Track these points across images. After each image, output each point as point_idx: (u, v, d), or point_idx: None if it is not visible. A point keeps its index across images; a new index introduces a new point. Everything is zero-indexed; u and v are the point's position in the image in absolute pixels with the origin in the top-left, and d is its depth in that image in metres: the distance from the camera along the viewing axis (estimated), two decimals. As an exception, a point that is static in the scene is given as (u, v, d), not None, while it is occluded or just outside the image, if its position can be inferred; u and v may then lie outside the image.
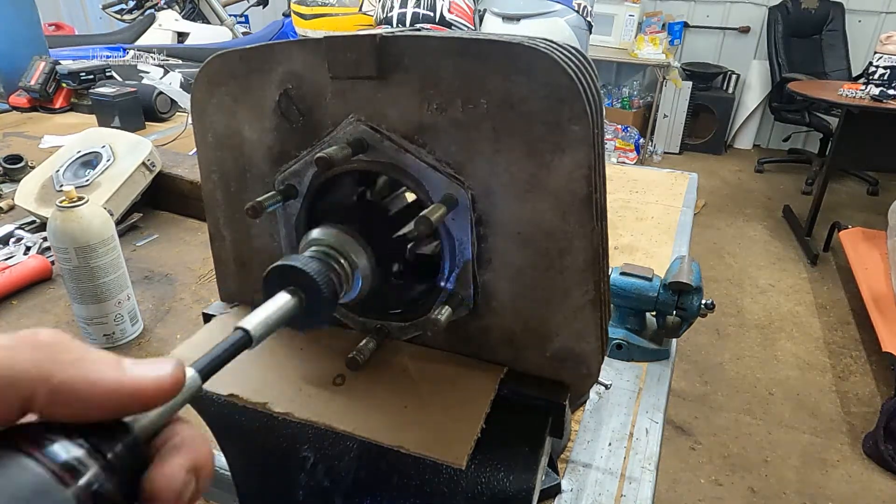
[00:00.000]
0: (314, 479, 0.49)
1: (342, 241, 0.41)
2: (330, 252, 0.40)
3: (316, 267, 0.36)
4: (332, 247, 0.40)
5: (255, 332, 0.31)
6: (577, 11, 1.88)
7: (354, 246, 0.41)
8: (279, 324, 0.33)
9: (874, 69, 3.04)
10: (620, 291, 0.78)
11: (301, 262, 0.36)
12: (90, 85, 1.85)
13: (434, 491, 0.45)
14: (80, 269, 0.72)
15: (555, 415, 0.46)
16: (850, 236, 2.97)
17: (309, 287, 0.35)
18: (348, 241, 0.41)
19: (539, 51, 0.38)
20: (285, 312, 0.33)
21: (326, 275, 0.37)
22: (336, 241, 0.41)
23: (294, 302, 0.34)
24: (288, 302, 0.34)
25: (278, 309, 0.33)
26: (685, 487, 1.88)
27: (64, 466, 0.21)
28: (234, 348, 0.29)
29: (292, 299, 0.34)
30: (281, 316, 0.33)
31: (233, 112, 0.49)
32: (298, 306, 0.35)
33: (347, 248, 0.41)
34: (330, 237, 0.41)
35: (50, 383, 0.21)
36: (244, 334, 0.30)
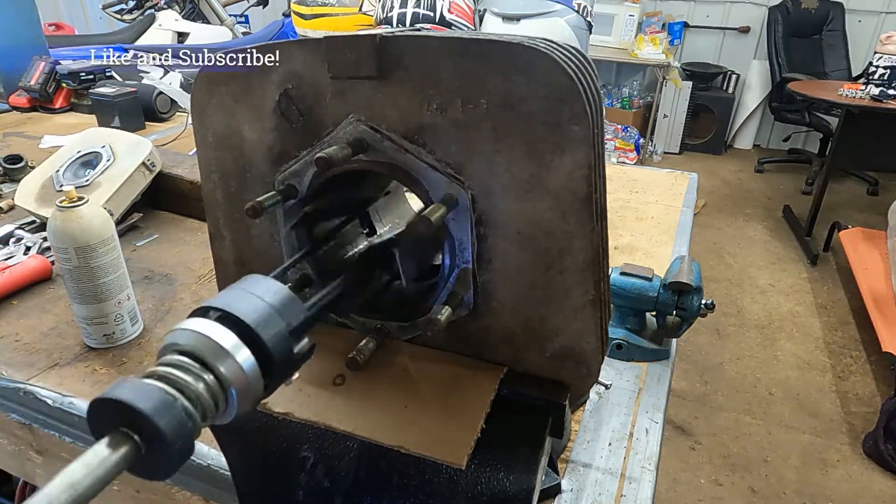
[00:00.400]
0: (314, 479, 0.49)
1: (205, 346, 0.29)
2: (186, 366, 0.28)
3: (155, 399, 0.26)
4: (190, 355, 0.29)
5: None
6: (577, 11, 1.88)
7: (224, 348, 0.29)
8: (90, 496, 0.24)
9: (874, 69, 3.04)
10: (620, 291, 0.78)
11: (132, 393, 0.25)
12: (90, 85, 1.85)
13: (434, 491, 0.45)
14: (80, 269, 0.72)
15: (555, 415, 0.46)
16: (850, 236, 2.97)
17: (147, 427, 0.25)
18: (212, 344, 0.29)
19: (539, 51, 0.38)
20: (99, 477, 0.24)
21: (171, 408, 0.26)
22: (199, 346, 0.29)
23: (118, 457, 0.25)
24: (103, 461, 0.24)
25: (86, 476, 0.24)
26: (685, 487, 1.87)
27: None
28: None
29: (113, 454, 0.25)
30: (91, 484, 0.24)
31: (233, 112, 0.49)
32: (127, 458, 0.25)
33: (213, 355, 0.29)
34: (191, 340, 0.29)
35: None
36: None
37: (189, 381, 0.28)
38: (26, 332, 0.80)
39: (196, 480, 0.64)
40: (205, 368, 0.29)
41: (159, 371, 0.28)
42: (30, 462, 0.76)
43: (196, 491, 0.65)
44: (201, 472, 0.63)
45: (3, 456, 0.79)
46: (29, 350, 0.77)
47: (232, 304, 0.31)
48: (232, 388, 0.29)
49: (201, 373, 0.29)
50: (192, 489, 0.65)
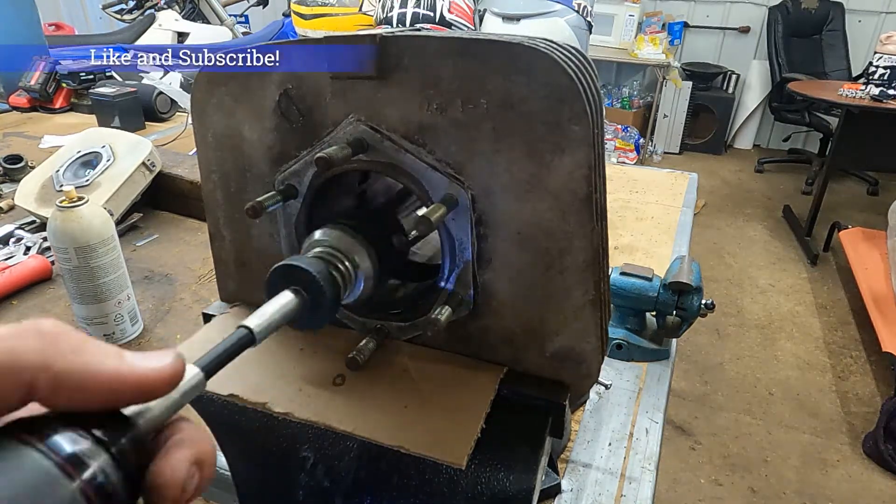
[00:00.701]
0: (314, 479, 0.49)
1: (345, 243, 0.41)
2: (333, 253, 0.40)
3: (319, 267, 0.37)
4: (335, 248, 0.40)
5: (258, 331, 0.31)
6: (577, 11, 1.88)
7: (357, 247, 0.41)
8: (282, 322, 0.33)
9: (874, 69, 3.04)
10: (620, 291, 0.78)
11: (304, 262, 0.36)
12: (90, 85, 1.85)
13: (434, 491, 0.45)
14: (80, 269, 0.72)
15: (555, 415, 0.46)
16: (850, 236, 2.97)
17: (312, 287, 0.36)
18: (351, 243, 0.41)
19: (539, 51, 0.38)
20: (288, 312, 0.34)
21: (329, 275, 0.37)
22: (339, 243, 0.41)
23: (297, 301, 0.34)
24: (290, 301, 0.34)
25: (281, 308, 0.33)
26: (685, 487, 1.87)
27: (69, 459, 0.21)
28: (237, 346, 0.29)
29: (295, 299, 0.34)
30: (283, 315, 0.33)
31: (233, 112, 0.49)
32: (301, 306, 0.35)
33: (350, 250, 0.41)
34: (333, 238, 0.41)
35: (51, 372, 0.21)
36: (247, 332, 0.30)
37: (342, 261, 0.40)
38: (26, 332, 0.80)
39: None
40: (345, 257, 0.40)
41: (319, 252, 0.40)
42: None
43: (196, 491, 0.65)
44: (201, 472, 0.63)
45: (3, 456, 0.79)
46: (29, 350, 0.77)
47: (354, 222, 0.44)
48: (361, 273, 0.41)
49: (343, 260, 0.40)
50: (192, 489, 0.65)
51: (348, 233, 0.42)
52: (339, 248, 0.41)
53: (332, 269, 0.38)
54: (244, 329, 0.30)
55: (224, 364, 0.28)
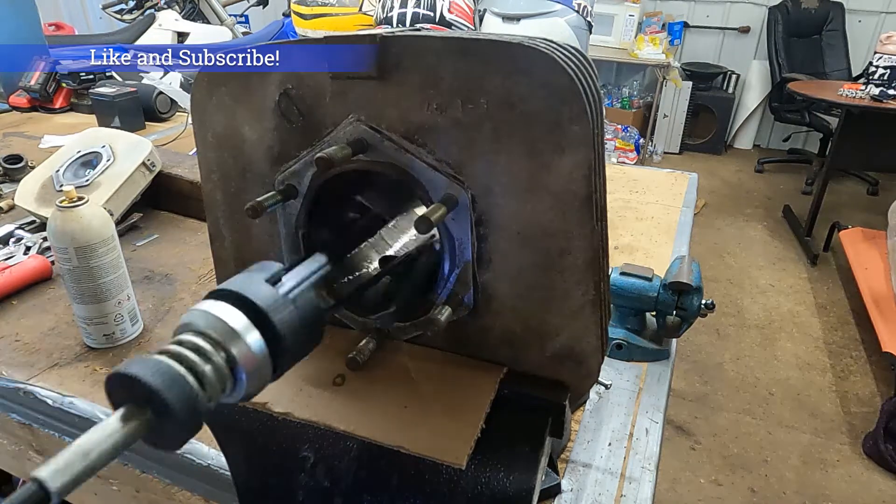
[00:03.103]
0: (314, 479, 0.49)
1: (216, 327, 0.30)
2: (196, 345, 0.29)
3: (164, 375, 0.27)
4: (202, 334, 0.30)
5: (57, 485, 0.23)
6: (577, 11, 1.87)
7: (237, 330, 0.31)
8: (102, 463, 0.25)
9: (874, 69, 3.04)
10: (620, 291, 0.78)
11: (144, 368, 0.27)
12: (90, 85, 1.85)
13: (434, 491, 0.45)
14: (80, 269, 0.72)
15: (555, 415, 0.46)
16: (850, 236, 2.97)
17: (156, 401, 0.27)
18: (222, 325, 0.31)
19: (539, 51, 0.38)
20: (112, 445, 0.26)
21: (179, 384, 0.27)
22: (210, 326, 0.30)
23: (129, 428, 0.26)
24: (116, 430, 0.26)
25: (99, 443, 0.25)
26: (685, 487, 1.87)
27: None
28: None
29: (125, 424, 0.26)
30: (104, 452, 0.25)
31: (233, 112, 0.49)
32: (140, 429, 0.26)
33: (225, 336, 0.30)
34: (203, 320, 0.31)
35: None
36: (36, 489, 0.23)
37: (198, 361, 0.29)
38: (26, 332, 0.80)
39: (196, 480, 0.64)
40: (217, 348, 0.30)
41: (171, 349, 0.29)
42: (30, 462, 0.76)
43: (196, 491, 0.65)
44: (201, 472, 0.63)
45: (3, 456, 0.79)
46: (29, 350, 0.77)
47: (243, 288, 0.32)
48: (241, 368, 0.30)
49: (212, 353, 0.30)
50: (192, 489, 0.65)
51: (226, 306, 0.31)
52: (207, 334, 0.30)
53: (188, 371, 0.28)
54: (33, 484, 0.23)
55: None
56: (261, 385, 0.32)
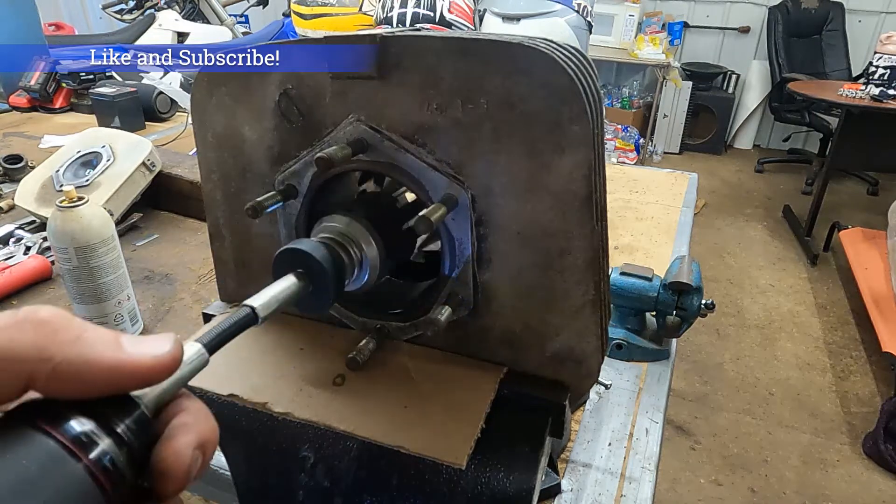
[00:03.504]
0: (314, 479, 0.49)
1: (353, 230, 0.41)
2: (340, 239, 0.40)
3: (324, 252, 0.37)
4: (342, 234, 0.41)
5: (261, 310, 0.31)
6: (577, 11, 1.87)
7: (365, 235, 0.41)
8: (285, 304, 0.33)
9: (874, 69, 3.04)
10: (620, 291, 0.78)
11: (309, 245, 0.37)
12: (90, 85, 1.85)
13: (434, 491, 0.45)
14: (80, 269, 0.72)
15: (555, 415, 0.46)
16: (850, 236, 2.97)
17: (315, 271, 0.36)
18: (360, 230, 0.41)
19: (539, 51, 0.38)
20: (291, 293, 0.34)
21: (334, 260, 0.38)
22: (347, 229, 0.41)
23: (300, 285, 0.35)
24: (294, 284, 0.35)
25: (284, 290, 0.34)
26: (685, 487, 1.87)
27: (75, 440, 0.21)
28: (240, 324, 0.30)
29: (298, 282, 0.35)
30: (287, 296, 0.34)
31: (233, 112, 0.49)
32: (304, 289, 0.35)
33: (358, 237, 0.41)
34: (342, 224, 0.41)
35: (49, 364, 0.21)
36: (250, 311, 0.31)
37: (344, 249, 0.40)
38: (26, 332, 0.80)
39: (196, 480, 0.64)
40: (352, 245, 0.41)
41: (325, 237, 0.40)
42: (30, 462, 0.76)
43: (196, 491, 0.65)
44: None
45: (3, 456, 0.78)
46: (29, 350, 0.77)
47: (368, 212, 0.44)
48: (367, 262, 0.41)
49: (351, 245, 0.41)
50: (192, 489, 0.65)
51: (359, 220, 0.42)
52: (347, 234, 0.41)
53: (337, 254, 0.39)
54: (247, 308, 0.31)
55: (226, 341, 0.29)
56: (371, 281, 0.42)
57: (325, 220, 0.42)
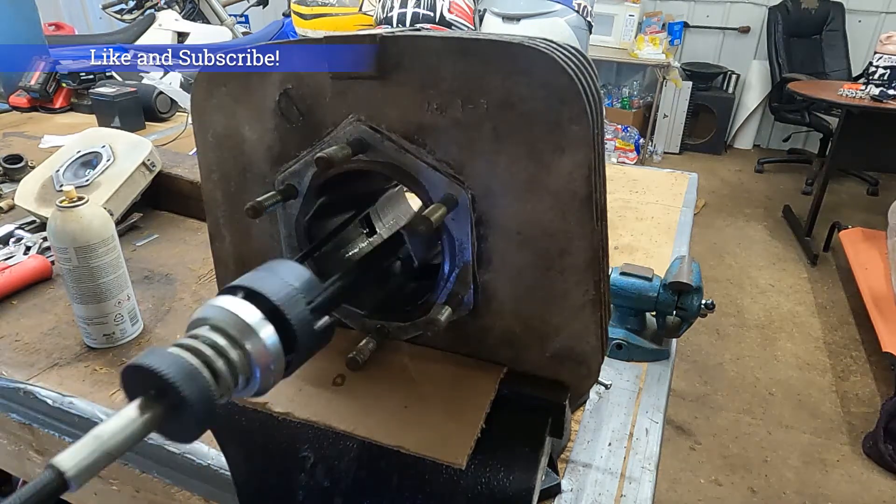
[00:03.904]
0: (314, 479, 0.49)
1: (232, 322, 0.31)
2: (212, 340, 0.30)
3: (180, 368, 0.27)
4: (217, 329, 0.31)
5: (73, 472, 0.24)
6: (577, 11, 1.87)
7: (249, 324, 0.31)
8: (117, 452, 0.26)
9: (874, 69, 3.04)
10: (620, 291, 0.78)
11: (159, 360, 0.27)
12: (90, 85, 1.85)
13: (434, 491, 0.45)
14: (80, 269, 0.72)
15: (555, 415, 0.46)
16: (850, 236, 2.97)
17: (172, 394, 0.27)
18: (238, 320, 0.31)
19: (539, 51, 0.38)
20: (128, 435, 0.26)
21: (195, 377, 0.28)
22: (225, 321, 0.31)
23: (146, 419, 0.27)
24: (133, 421, 0.26)
25: (116, 433, 0.26)
26: (685, 487, 1.87)
27: None
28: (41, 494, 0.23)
29: (142, 415, 0.27)
30: (120, 442, 0.26)
31: (233, 112, 0.49)
32: (155, 420, 0.27)
33: (240, 331, 0.31)
34: (218, 315, 0.31)
35: None
36: (54, 476, 0.23)
37: (213, 356, 0.29)
38: (26, 332, 0.80)
39: (196, 480, 0.64)
40: (231, 343, 0.30)
41: (187, 343, 0.29)
42: (30, 462, 0.76)
43: (196, 491, 0.65)
44: (201, 472, 0.63)
45: (3, 456, 0.79)
46: (29, 350, 0.77)
47: (257, 284, 0.32)
48: (256, 364, 0.31)
49: (227, 348, 0.30)
50: (192, 489, 0.65)
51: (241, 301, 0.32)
52: (223, 331, 0.30)
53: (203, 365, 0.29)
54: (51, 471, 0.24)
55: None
56: (274, 381, 0.32)
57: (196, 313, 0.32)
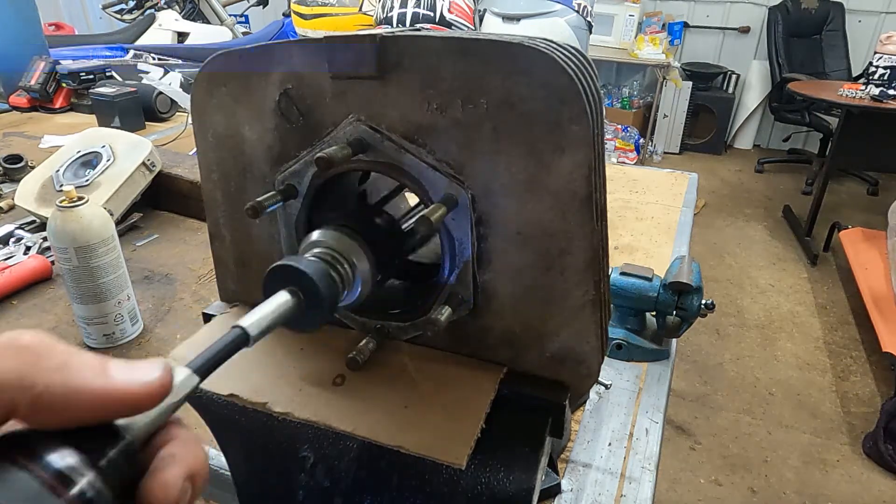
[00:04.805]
0: (314, 479, 0.49)
1: (344, 245, 0.40)
2: (332, 254, 0.39)
3: (316, 268, 0.36)
4: (333, 249, 0.40)
5: (253, 331, 0.30)
6: (577, 11, 1.88)
7: (356, 250, 0.41)
8: (277, 323, 0.32)
9: (874, 69, 3.04)
10: (620, 291, 0.78)
11: (302, 263, 0.36)
12: (90, 85, 1.85)
13: (434, 491, 0.45)
14: (80, 269, 0.72)
15: (555, 415, 0.46)
16: (850, 236, 2.97)
17: (308, 288, 0.35)
18: (350, 245, 0.40)
19: (539, 51, 0.38)
20: (283, 312, 0.33)
21: (327, 277, 0.37)
22: (338, 244, 0.40)
23: (293, 302, 0.34)
24: (286, 302, 0.34)
25: (276, 308, 0.33)
26: (685, 487, 1.87)
27: (57, 476, 0.20)
28: (230, 346, 0.29)
29: (291, 300, 0.34)
30: (279, 315, 0.33)
31: (233, 112, 0.49)
32: (297, 307, 0.34)
33: (349, 252, 0.40)
34: (332, 239, 0.40)
35: (33, 391, 0.20)
36: (241, 332, 0.30)
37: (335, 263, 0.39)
38: (26, 332, 0.80)
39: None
40: (344, 260, 0.40)
41: (318, 252, 0.40)
42: (30, 462, 0.76)
43: (196, 491, 0.65)
44: (201, 472, 0.62)
45: (3, 456, 0.79)
46: (29, 350, 0.77)
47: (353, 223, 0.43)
48: (359, 276, 0.40)
49: (342, 261, 0.40)
50: (192, 489, 0.65)
51: (347, 234, 0.41)
52: (337, 250, 0.40)
53: (330, 271, 0.38)
54: (238, 329, 0.30)
55: (217, 365, 0.28)
56: (363, 296, 0.41)
57: (314, 235, 0.41)
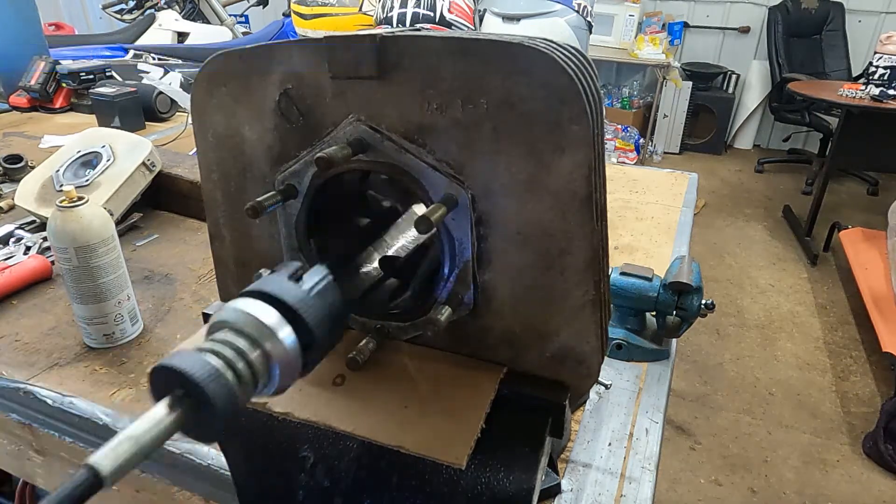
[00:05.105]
0: (314, 479, 0.49)
1: (251, 324, 0.32)
2: (233, 345, 0.31)
3: (205, 370, 0.28)
4: (240, 333, 0.31)
5: (108, 470, 0.24)
6: (577, 11, 1.87)
7: (269, 326, 0.32)
8: (149, 450, 0.26)
9: (874, 69, 3.04)
10: (620, 291, 0.78)
11: (187, 362, 0.28)
12: (90, 85, 1.85)
13: (434, 491, 0.45)
14: (80, 269, 0.72)
15: (555, 415, 0.46)
16: (850, 236, 2.97)
17: (197, 394, 0.28)
18: (259, 325, 0.32)
19: (539, 51, 0.38)
20: (158, 433, 0.27)
21: (218, 379, 0.29)
22: (245, 324, 0.32)
23: (175, 416, 0.27)
24: (162, 420, 0.27)
25: (147, 431, 0.26)
26: (685, 487, 1.87)
27: None
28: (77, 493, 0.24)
29: (170, 414, 0.27)
30: (152, 439, 0.27)
31: (233, 112, 0.49)
32: (181, 419, 0.28)
33: (261, 336, 0.32)
34: (238, 318, 0.32)
35: None
36: (90, 475, 0.24)
37: (235, 358, 0.30)
38: (26, 332, 0.80)
39: (196, 480, 0.64)
40: (252, 345, 0.31)
41: (210, 346, 0.31)
42: (30, 462, 0.76)
43: (196, 491, 0.65)
44: (201, 472, 0.63)
45: (3, 456, 0.79)
46: (29, 350, 0.77)
47: (272, 287, 0.34)
48: (275, 364, 0.32)
49: (248, 350, 0.31)
50: (192, 489, 0.65)
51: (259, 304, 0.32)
52: (246, 334, 0.31)
53: (224, 372, 0.29)
54: (86, 469, 0.24)
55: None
56: (291, 380, 0.33)
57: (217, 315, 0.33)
